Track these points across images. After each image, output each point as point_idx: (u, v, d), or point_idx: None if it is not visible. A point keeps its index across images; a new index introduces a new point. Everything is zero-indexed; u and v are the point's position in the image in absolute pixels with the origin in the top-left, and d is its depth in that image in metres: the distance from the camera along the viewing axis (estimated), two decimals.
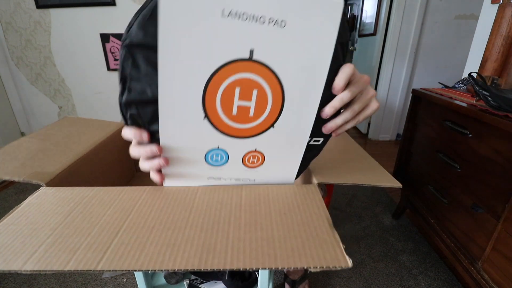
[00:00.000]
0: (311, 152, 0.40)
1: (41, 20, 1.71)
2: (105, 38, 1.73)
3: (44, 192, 0.39)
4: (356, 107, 0.35)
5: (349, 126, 0.37)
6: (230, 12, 0.27)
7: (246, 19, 0.27)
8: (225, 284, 0.87)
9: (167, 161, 0.36)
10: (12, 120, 1.93)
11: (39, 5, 1.66)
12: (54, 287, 1.03)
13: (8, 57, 1.81)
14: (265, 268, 0.26)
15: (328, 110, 0.34)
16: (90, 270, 0.26)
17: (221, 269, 0.26)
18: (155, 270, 0.26)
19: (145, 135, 0.34)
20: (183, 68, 0.29)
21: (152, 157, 0.36)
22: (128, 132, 0.34)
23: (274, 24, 0.28)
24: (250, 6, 0.27)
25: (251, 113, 0.33)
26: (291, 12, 0.28)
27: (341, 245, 0.29)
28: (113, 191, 0.39)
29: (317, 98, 0.33)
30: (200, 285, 0.89)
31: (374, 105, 0.36)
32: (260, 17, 0.27)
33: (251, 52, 0.29)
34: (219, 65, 0.29)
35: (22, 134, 1.98)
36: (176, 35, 0.27)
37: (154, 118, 0.32)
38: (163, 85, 0.29)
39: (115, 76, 1.83)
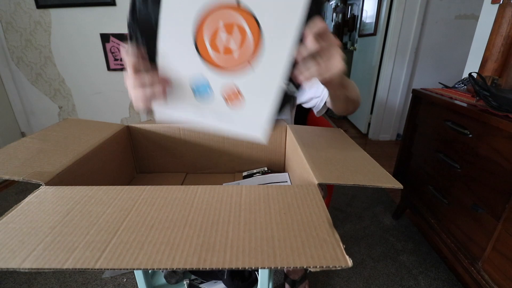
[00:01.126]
0: (284, 99, 0.43)
1: (41, 20, 1.71)
2: (105, 38, 1.73)
3: (44, 191, 0.39)
4: (319, 59, 0.38)
5: (312, 75, 0.40)
6: None
7: None
8: (225, 284, 0.87)
9: (165, 92, 0.41)
10: (12, 120, 1.93)
11: (39, 5, 1.66)
12: (54, 287, 1.03)
13: (8, 57, 1.81)
14: (264, 268, 0.26)
15: (294, 54, 0.38)
16: (89, 269, 0.26)
17: (220, 268, 0.26)
18: (154, 269, 0.26)
19: (145, 63, 0.39)
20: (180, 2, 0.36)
21: (150, 85, 0.40)
22: (131, 52, 0.38)
23: None
24: None
25: (233, 45, 0.39)
26: None
27: (341, 245, 0.29)
28: (112, 191, 0.39)
29: (290, 44, 0.38)
30: (200, 285, 0.89)
31: (338, 64, 0.39)
32: None
33: None
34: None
35: (22, 134, 1.98)
36: None
37: (153, 39, 0.39)
38: (164, 13, 0.37)
39: (115, 76, 1.83)
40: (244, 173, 0.80)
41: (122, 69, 1.80)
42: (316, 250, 0.28)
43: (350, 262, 0.27)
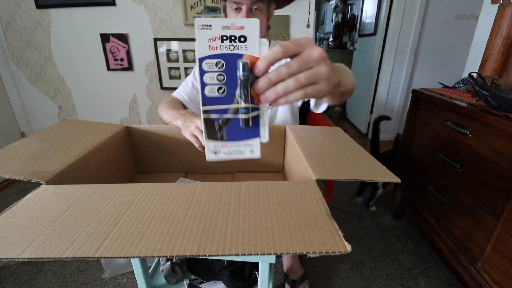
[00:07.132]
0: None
1: (41, 20, 1.71)
2: (105, 38, 1.73)
3: (44, 189, 0.39)
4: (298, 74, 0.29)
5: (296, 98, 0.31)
6: None
7: None
8: (225, 283, 0.87)
9: None
10: (12, 120, 1.93)
11: (39, 5, 1.66)
12: (54, 287, 1.03)
13: (8, 57, 1.81)
14: (264, 254, 0.26)
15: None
16: (89, 257, 0.27)
17: (220, 255, 0.26)
18: (154, 256, 0.26)
19: None
20: None
21: None
22: None
23: None
24: None
25: None
26: None
27: (340, 232, 0.29)
28: (112, 188, 0.39)
29: None
30: (200, 285, 0.89)
31: (321, 68, 0.30)
32: None
33: None
34: None
35: (22, 134, 1.98)
36: None
37: None
38: None
39: (115, 76, 1.83)
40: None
41: (121, 69, 1.80)
42: (315, 238, 0.29)
43: (349, 248, 0.27)
